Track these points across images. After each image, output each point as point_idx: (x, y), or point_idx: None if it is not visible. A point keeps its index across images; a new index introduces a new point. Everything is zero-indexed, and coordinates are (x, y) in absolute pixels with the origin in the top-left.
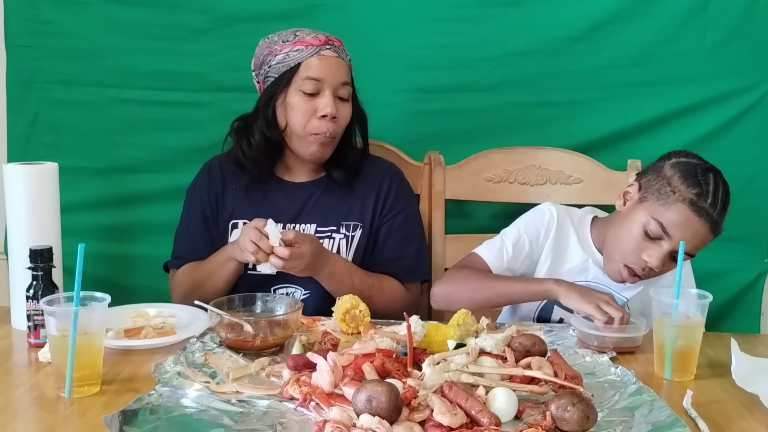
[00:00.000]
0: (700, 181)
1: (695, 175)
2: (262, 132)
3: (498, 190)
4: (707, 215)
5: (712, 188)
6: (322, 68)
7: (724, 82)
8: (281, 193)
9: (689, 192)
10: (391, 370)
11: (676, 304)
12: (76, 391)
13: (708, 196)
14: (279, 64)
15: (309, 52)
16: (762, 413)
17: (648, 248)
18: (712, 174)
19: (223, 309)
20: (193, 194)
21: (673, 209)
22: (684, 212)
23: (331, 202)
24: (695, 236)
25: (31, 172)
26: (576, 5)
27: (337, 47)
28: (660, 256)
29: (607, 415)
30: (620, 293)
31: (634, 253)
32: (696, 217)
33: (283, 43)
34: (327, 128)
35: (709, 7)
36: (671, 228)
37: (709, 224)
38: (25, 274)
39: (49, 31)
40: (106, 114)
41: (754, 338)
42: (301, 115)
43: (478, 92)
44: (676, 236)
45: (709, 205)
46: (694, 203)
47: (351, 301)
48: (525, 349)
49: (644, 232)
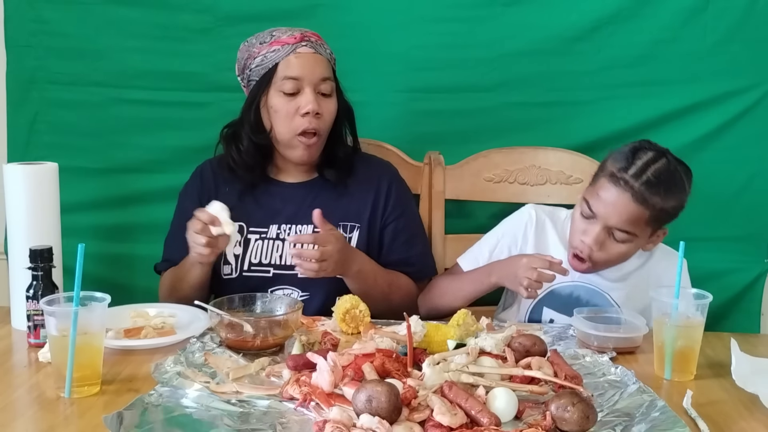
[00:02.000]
0: (627, 157)
1: (624, 153)
2: (249, 137)
3: (498, 190)
4: (626, 185)
5: (642, 163)
6: (300, 66)
7: (724, 82)
8: (277, 195)
9: (612, 167)
10: (391, 370)
11: (676, 304)
12: (76, 391)
13: (631, 168)
14: (258, 67)
15: (285, 51)
16: (762, 413)
17: (583, 231)
18: (649, 152)
19: (223, 309)
20: (185, 198)
21: (598, 185)
22: (604, 186)
23: (328, 202)
24: (617, 208)
25: (31, 172)
26: (576, 5)
27: (314, 42)
28: (592, 235)
29: (607, 415)
30: (608, 293)
31: (575, 236)
32: (614, 187)
33: (260, 45)
34: (311, 124)
35: (709, 7)
36: (595, 204)
37: (630, 194)
38: (25, 274)
39: (49, 31)
40: (106, 114)
41: (754, 338)
42: (284, 116)
43: (478, 92)
44: (600, 212)
45: (631, 176)
46: (613, 175)
47: (351, 301)
48: (525, 349)
49: (579, 213)
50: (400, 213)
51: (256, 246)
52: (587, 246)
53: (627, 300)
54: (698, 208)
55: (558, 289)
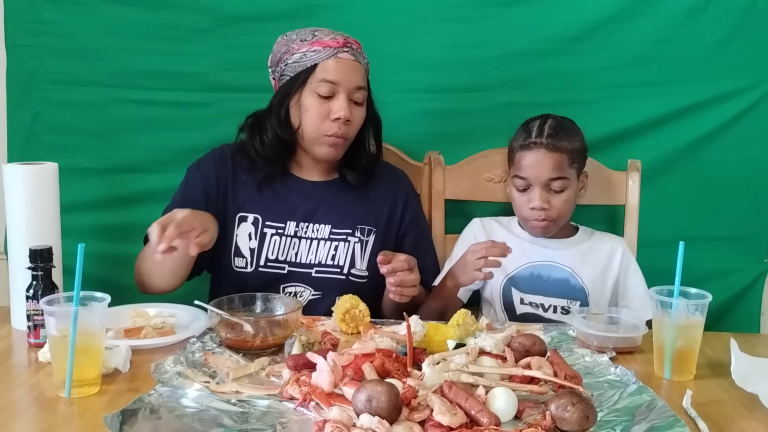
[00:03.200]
0: (524, 129)
1: (519, 130)
2: (274, 130)
3: (498, 190)
4: (537, 144)
5: (537, 125)
6: (338, 71)
7: (724, 82)
8: (295, 191)
9: (517, 142)
10: (391, 370)
11: (675, 304)
12: (76, 391)
13: (532, 133)
14: (295, 64)
15: (326, 53)
16: (762, 413)
17: (528, 198)
18: (537, 119)
19: (223, 309)
20: (197, 173)
21: (515, 160)
22: (522, 155)
23: (346, 203)
24: (541, 164)
25: (31, 172)
26: (576, 5)
27: (355, 50)
28: (536, 197)
29: (606, 414)
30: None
31: (524, 210)
32: (529, 152)
33: (300, 42)
34: (339, 130)
35: (709, 7)
36: (522, 171)
37: (543, 148)
38: (25, 274)
39: (49, 31)
40: (106, 114)
41: (754, 338)
42: (314, 117)
43: (478, 92)
44: (531, 175)
45: (535, 138)
46: (523, 145)
47: (351, 301)
48: (525, 349)
49: (517, 190)
50: (417, 224)
51: (273, 241)
52: (538, 209)
53: (582, 264)
54: (698, 208)
55: (520, 272)
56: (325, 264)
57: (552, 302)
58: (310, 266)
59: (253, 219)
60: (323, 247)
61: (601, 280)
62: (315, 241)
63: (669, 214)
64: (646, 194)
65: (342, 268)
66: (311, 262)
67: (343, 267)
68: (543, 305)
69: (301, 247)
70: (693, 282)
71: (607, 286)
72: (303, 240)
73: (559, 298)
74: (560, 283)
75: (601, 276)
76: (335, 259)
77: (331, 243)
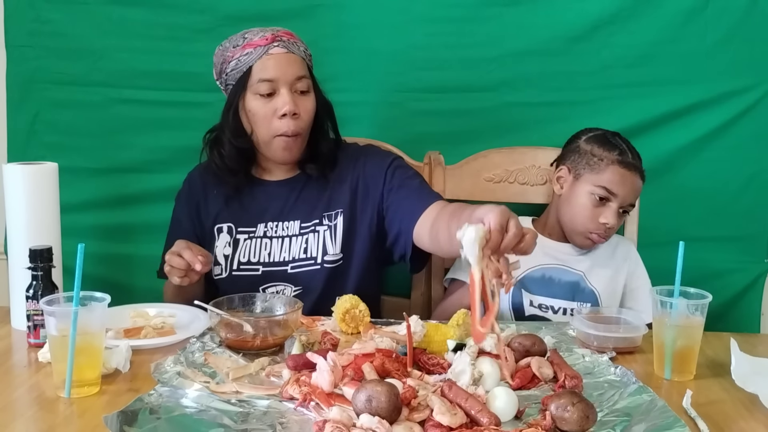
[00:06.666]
0: (615, 144)
1: (609, 141)
2: (230, 142)
3: (498, 190)
4: (635, 167)
5: (626, 146)
6: (273, 67)
7: (724, 82)
8: (262, 194)
9: (613, 155)
10: (391, 370)
11: (675, 304)
12: (76, 392)
13: (627, 152)
14: (234, 71)
15: (258, 53)
16: (762, 413)
17: (601, 213)
18: (617, 136)
19: (222, 309)
20: (178, 206)
21: (607, 172)
22: (618, 171)
23: (312, 196)
24: (633, 187)
25: (31, 172)
26: (576, 5)
27: (286, 42)
28: (613, 215)
29: (606, 414)
30: (574, 268)
31: (592, 221)
32: (628, 171)
33: (234, 49)
34: (289, 127)
35: (709, 7)
36: (613, 187)
37: (638, 173)
38: (25, 274)
39: (49, 31)
40: (106, 114)
41: (754, 338)
42: (262, 118)
43: (478, 92)
44: (620, 193)
45: (632, 159)
46: (621, 162)
47: (351, 301)
48: (525, 349)
49: (593, 201)
50: (393, 176)
51: (244, 246)
52: (611, 226)
53: (593, 268)
54: (698, 208)
55: (530, 273)
56: (299, 258)
57: (562, 305)
58: (285, 263)
59: (227, 228)
60: (295, 242)
61: (611, 282)
62: (287, 238)
63: (669, 214)
64: (646, 194)
65: (315, 258)
66: (285, 260)
67: (316, 257)
68: (553, 307)
69: (274, 247)
70: (693, 282)
71: (617, 290)
72: (275, 240)
73: (569, 301)
74: (571, 286)
75: (612, 279)
76: (308, 252)
77: (302, 237)
